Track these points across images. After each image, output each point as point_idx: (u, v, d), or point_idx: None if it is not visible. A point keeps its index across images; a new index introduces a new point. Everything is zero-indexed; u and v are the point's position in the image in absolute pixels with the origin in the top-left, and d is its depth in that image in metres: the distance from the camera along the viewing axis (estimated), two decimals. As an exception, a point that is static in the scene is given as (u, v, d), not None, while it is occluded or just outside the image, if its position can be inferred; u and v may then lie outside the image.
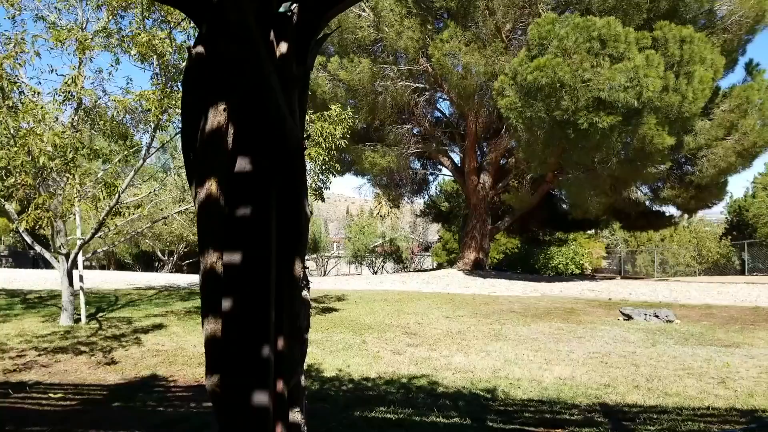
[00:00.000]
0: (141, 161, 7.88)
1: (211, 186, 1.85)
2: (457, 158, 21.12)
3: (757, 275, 29.69)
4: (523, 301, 12.59)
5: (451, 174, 21.80)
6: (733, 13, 15.00)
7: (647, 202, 18.94)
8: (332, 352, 7.14)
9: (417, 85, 17.33)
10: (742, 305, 12.30)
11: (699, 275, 30.26)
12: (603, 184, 15.71)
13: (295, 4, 1.97)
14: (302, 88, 2.08)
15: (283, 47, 1.94)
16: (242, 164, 1.86)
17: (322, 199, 8.75)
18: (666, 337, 8.23)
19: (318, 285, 16.75)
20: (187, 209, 11.58)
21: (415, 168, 23.78)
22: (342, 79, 16.62)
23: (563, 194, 19.16)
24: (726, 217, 33.90)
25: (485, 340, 7.96)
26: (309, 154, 7.41)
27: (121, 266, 33.77)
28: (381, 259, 37.08)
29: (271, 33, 1.93)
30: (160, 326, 9.19)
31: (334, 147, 7.74)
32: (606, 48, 13.01)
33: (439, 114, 21.31)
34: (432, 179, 25.71)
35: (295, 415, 2.16)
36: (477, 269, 19.28)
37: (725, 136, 15.64)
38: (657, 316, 9.56)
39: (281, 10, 1.96)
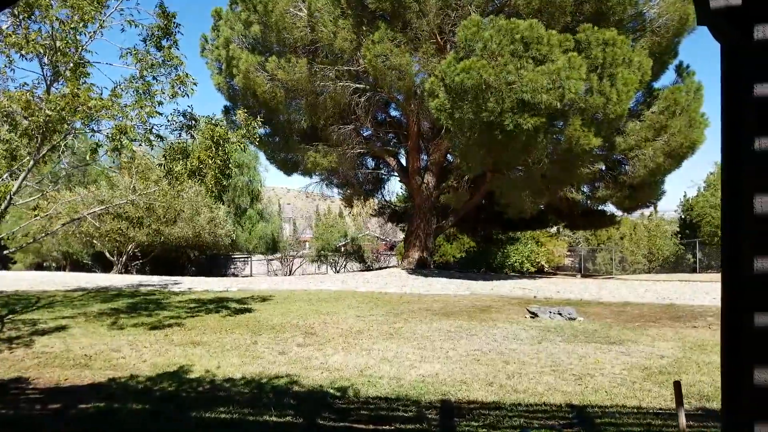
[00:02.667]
0: (32, 163, 7.80)
1: None
2: (403, 158, 21.26)
3: (710, 273, 30.51)
4: (447, 300, 12.74)
5: (397, 174, 21.91)
6: (660, 16, 15.35)
7: (587, 202, 19.28)
8: (214, 353, 7.16)
9: (357, 85, 17.38)
10: (660, 303, 12.61)
11: (652, 273, 30.98)
12: (536, 184, 15.96)
13: None
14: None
15: None
16: None
17: (222, 201, 8.77)
18: (556, 335, 8.41)
19: (258, 285, 16.71)
20: (106, 209, 11.47)
21: (369, 168, 23.87)
22: (280, 78, 16.60)
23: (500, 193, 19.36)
24: (680, 216, 34.66)
25: (377, 339, 8.05)
26: (198, 157, 7.42)
27: (79, 267, 33.26)
28: (344, 258, 37.12)
29: None
30: (62, 328, 9.11)
31: (226, 151, 7.76)
32: (529, 50, 13.22)
33: (383, 114, 21.40)
34: (386, 179, 25.78)
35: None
36: (421, 268, 19.42)
37: (655, 138, 16.00)
38: (560, 314, 9.76)
39: None
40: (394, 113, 21.91)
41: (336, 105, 17.53)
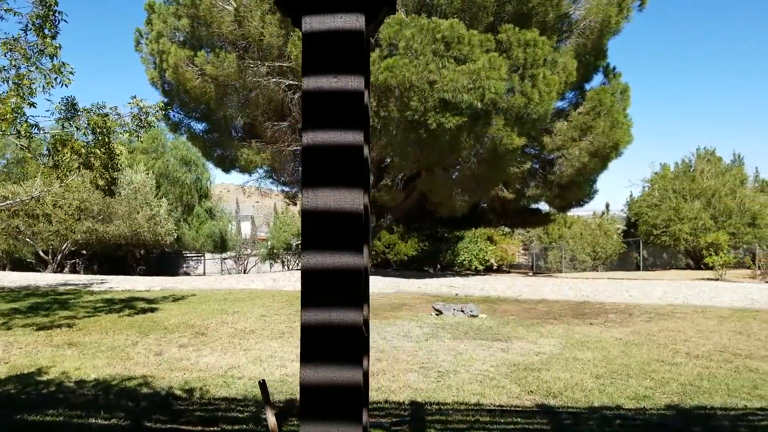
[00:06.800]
0: None
1: None
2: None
3: (656, 270, 31.39)
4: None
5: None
6: (585, 18, 15.63)
7: (520, 201, 19.52)
8: (84, 355, 6.96)
9: (290, 82, 17.20)
10: (574, 300, 12.86)
11: (598, 270, 31.73)
12: (466, 182, 16.08)
13: None
14: None
15: None
16: None
17: (112, 195, 8.59)
18: (447, 332, 8.46)
19: (186, 284, 16.42)
20: (12, 205, 11.07)
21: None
22: (209, 73, 16.32)
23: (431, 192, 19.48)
24: (626, 215, 35.55)
25: (264, 339, 7.96)
26: (72, 148, 7.20)
27: (22, 266, 32.25)
28: (297, 256, 36.88)
29: None
30: (-54, 330, 8.76)
31: (108, 142, 7.53)
32: (450, 50, 13.29)
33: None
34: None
35: None
36: (358, 267, 19.36)
37: (581, 138, 16.29)
38: (463, 311, 9.84)
39: None
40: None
41: (269, 101, 17.33)
